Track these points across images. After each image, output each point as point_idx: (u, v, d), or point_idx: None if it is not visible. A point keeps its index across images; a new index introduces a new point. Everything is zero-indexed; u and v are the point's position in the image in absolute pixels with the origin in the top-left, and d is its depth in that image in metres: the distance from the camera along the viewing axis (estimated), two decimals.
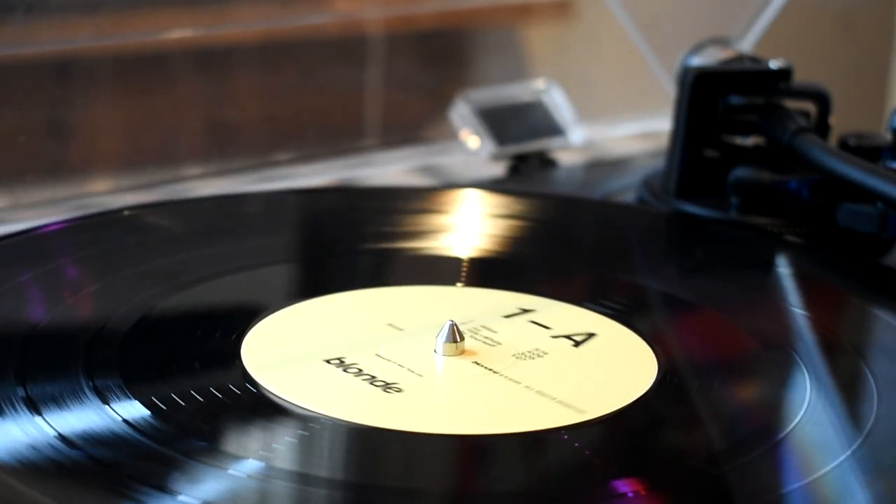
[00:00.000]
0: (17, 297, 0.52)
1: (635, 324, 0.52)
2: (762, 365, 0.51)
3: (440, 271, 0.57)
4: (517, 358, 0.50)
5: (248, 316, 0.51)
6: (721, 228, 0.63)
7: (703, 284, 0.58)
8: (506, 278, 0.56)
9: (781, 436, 0.45)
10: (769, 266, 0.60)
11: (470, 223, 0.63)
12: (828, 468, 0.43)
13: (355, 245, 0.60)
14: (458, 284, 0.56)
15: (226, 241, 0.59)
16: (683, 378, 0.49)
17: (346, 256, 0.59)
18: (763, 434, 0.45)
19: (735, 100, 0.66)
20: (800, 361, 0.50)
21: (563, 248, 0.62)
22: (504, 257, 0.59)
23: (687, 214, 0.65)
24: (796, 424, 0.46)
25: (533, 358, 0.50)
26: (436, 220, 0.63)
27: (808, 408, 0.47)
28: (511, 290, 0.55)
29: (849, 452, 0.44)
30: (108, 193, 0.69)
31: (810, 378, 0.49)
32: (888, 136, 0.63)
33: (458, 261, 0.59)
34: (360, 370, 0.48)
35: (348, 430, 0.44)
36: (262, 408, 0.45)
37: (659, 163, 0.70)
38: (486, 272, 0.58)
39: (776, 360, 0.51)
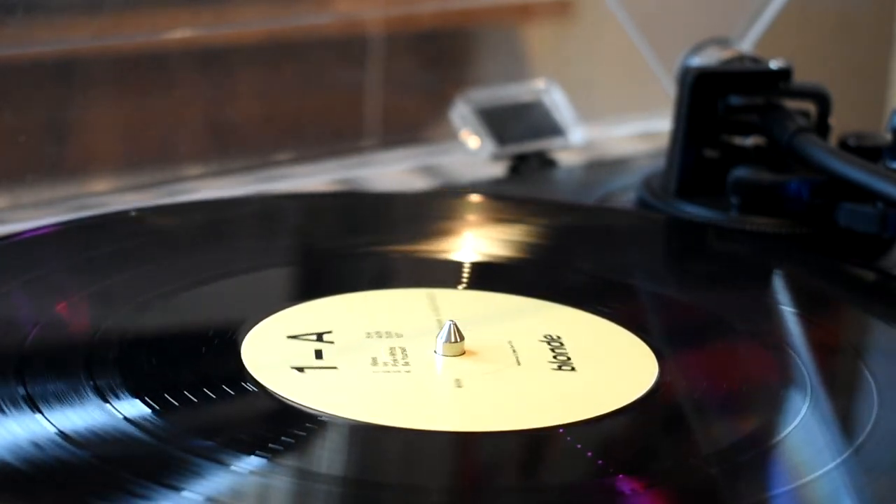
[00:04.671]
0: (17, 297, 0.52)
1: (635, 326, 0.52)
2: (761, 366, 0.51)
3: (441, 274, 0.57)
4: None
5: (249, 317, 0.51)
6: (719, 231, 0.63)
7: (702, 287, 0.58)
8: (506, 281, 0.56)
9: (781, 437, 0.45)
10: (768, 269, 0.60)
11: (470, 227, 0.63)
12: (828, 468, 0.43)
13: (356, 248, 0.60)
14: (459, 287, 0.56)
15: (226, 242, 0.60)
16: (683, 379, 0.49)
17: (346, 259, 0.59)
18: (762, 434, 0.45)
19: (735, 100, 0.66)
20: (799, 363, 0.50)
21: (563, 251, 0.62)
22: (505, 261, 0.59)
23: (685, 219, 0.65)
24: (796, 426, 0.46)
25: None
26: (437, 224, 0.63)
27: (808, 409, 0.47)
28: (511, 292, 0.55)
29: (849, 453, 0.44)
30: (108, 193, 0.69)
31: (809, 380, 0.49)
32: (888, 136, 0.63)
33: (458, 264, 0.59)
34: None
35: (349, 427, 0.44)
36: (263, 405, 0.46)
37: (659, 163, 0.70)
38: (487, 275, 0.58)
39: (775, 362, 0.51)
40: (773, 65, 0.67)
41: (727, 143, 0.66)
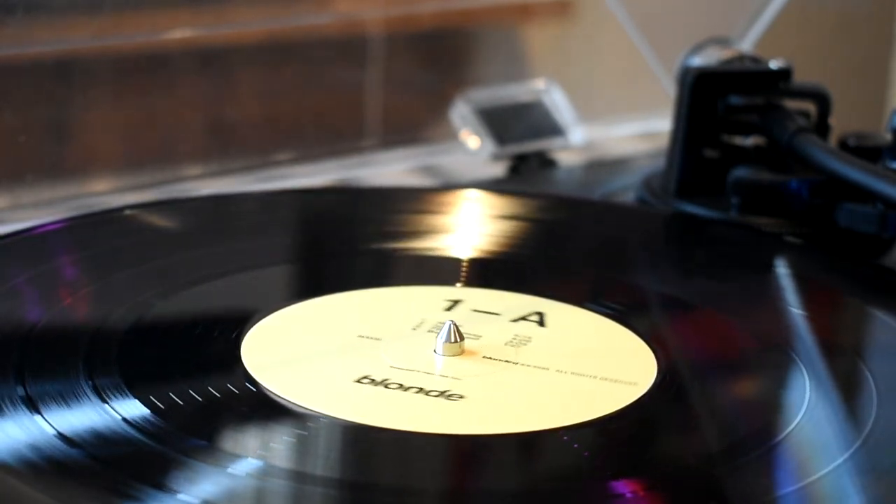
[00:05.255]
0: (17, 297, 0.52)
1: (635, 324, 0.52)
2: (761, 365, 0.51)
3: (440, 272, 0.57)
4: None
5: (248, 315, 0.51)
6: (720, 229, 0.63)
7: (703, 285, 0.58)
8: (505, 279, 0.56)
9: (781, 437, 0.45)
10: (768, 267, 0.60)
11: (470, 223, 0.63)
12: (828, 469, 0.43)
13: (355, 245, 0.60)
14: (458, 285, 0.56)
15: (226, 240, 0.59)
16: (683, 379, 0.49)
17: (345, 257, 0.59)
18: (762, 435, 0.45)
19: (735, 100, 0.66)
20: (799, 362, 0.50)
21: (563, 248, 0.62)
22: (504, 258, 0.59)
23: (686, 215, 0.65)
24: (796, 425, 0.46)
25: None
26: (436, 221, 0.63)
27: (808, 408, 0.47)
28: (510, 290, 0.55)
29: (849, 453, 0.44)
30: (108, 193, 0.69)
31: (809, 379, 0.49)
32: (888, 136, 0.63)
33: (457, 261, 0.59)
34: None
35: (347, 429, 0.44)
36: (261, 407, 0.45)
37: (659, 163, 0.70)
38: (486, 273, 0.58)
39: (775, 361, 0.51)
40: (773, 65, 0.67)
41: (727, 143, 0.66)
